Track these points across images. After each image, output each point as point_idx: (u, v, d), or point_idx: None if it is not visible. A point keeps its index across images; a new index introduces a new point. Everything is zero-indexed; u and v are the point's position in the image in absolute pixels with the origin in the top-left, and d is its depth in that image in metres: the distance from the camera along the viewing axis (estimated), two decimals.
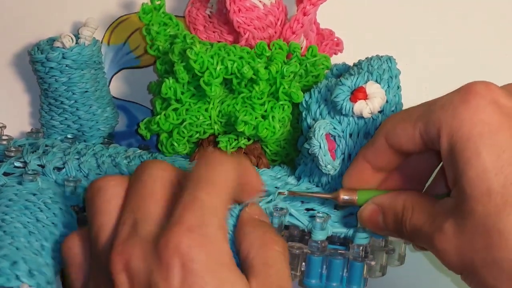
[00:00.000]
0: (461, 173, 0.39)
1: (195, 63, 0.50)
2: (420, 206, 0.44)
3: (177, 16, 0.61)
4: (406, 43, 0.63)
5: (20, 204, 0.47)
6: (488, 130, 0.39)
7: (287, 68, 0.52)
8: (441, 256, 0.42)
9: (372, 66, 0.51)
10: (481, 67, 0.63)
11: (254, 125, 0.51)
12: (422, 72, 0.64)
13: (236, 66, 0.51)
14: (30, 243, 0.44)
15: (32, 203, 0.47)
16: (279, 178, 0.53)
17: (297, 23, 0.55)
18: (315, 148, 0.48)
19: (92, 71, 0.60)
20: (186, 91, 0.52)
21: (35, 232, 0.45)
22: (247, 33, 0.54)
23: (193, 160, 0.54)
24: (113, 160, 0.54)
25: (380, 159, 0.46)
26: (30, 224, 0.45)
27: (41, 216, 0.46)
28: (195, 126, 0.53)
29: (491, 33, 0.63)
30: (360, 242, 0.50)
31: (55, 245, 0.45)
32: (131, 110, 0.64)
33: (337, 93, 0.49)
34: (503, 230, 0.37)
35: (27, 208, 0.46)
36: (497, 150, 0.38)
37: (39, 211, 0.46)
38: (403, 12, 0.63)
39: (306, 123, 0.52)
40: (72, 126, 0.60)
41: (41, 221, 0.46)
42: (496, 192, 0.38)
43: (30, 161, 0.53)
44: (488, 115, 0.39)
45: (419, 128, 0.43)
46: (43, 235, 0.45)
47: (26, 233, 0.44)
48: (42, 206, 0.47)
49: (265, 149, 0.55)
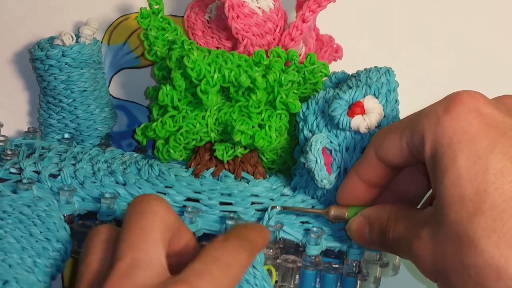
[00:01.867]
0: (439, 180, 0.40)
1: (192, 71, 0.49)
2: (404, 217, 0.44)
3: (176, 16, 0.60)
4: (407, 44, 0.63)
5: (15, 216, 0.47)
6: (467, 138, 0.39)
7: (285, 77, 0.51)
8: (417, 262, 0.42)
9: (370, 79, 0.50)
10: (481, 67, 0.63)
11: (251, 135, 0.50)
12: (422, 72, 0.63)
13: (233, 74, 0.50)
14: (22, 259, 0.44)
15: (26, 217, 0.47)
16: (275, 189, 0.53)
17: (296, 30, 0.54)
18: (311, 163, 0.48)
19: (91, 71, 0.60)
20: (183, 98, 0.52)
21: (28, 247, 0.45)
22: (245, 39, 0.53)
23: (189, 167, 0.54)
24: (108, 167, 0.54)
25: (371, 174, 0.46)
26: (24, 238, 0.45)
27: (35, 231, 0.46)
28: (191, 134, 0.52)
29: (491, 33, 0.63)
30: (354, 258, 0.50)
31: (47, 261, 0.45)
32: (131, 110, 0.64)
33: (335, 107, 0.48)
34: (473, 237, 0.37)
35: (21, 222, 0.46)
36: (473, 158, 0.38)
37: (33, 225, 0.46)
38: (404, 12, 0.63)
39: (303, 134, 0.51)
40: (70, 125, 0.60)
41: (34, 236, 0.46)
42: (468, 199, 0.38)
43: (25, 168, 0.53)
44: (468, 123, 0.39)
45: (406, 138, 0.43)
46: (36, 251, 0.45)
47: (19, 249, 0.45)
48: (36, 220, 0.47)
49: (261, 157, 0.55)
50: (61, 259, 0.46)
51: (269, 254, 0.50)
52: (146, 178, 0.53)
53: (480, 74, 0.63)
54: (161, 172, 0.53)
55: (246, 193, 0.52)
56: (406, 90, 0.53)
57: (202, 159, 0.54)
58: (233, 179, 0.53)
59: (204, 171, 0.53)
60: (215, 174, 0.53)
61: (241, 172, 0.53)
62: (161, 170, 0.53)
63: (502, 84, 0.63)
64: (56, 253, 0.46)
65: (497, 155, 0.38)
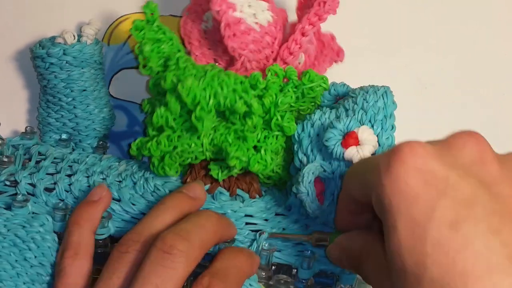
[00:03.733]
0: (386, 243, 0.38)
1: (187, 96, 0.49)
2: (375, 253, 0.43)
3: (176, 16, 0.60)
4: (407, 44, 0.62)
5: (10, 239, 0.47)
6: (405, 201, 0.36)
7: (282, 100, 0.50)
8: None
9: (367, 102, 0.49)
10: (481, 68, 0.63)
11: (246, 160, 0.50)
12: (422, 72, 0.63)
13: (229, 101, 0.49)
14: (17, 286, 0.45)
15: (21, 240, 0.47)
16: (269, 209, 0.53)
17: (295, 44, 0.53)
18: (303, 195, 0.48)
19: (92, 71, 0.59)
20: (178, 117, 0.51)
21: (23, 274, 0.46)
22: (242, 57, 0.52)
23: (185, 182, 0.54)
24: (104, 179, 0.54)
25: (351, 206, 0.46)
26: (18, 263, 0.46)
27: (29, 256, 0.47)
28: (187, 153, 0.52)
29: (491, 33, 0.62)
30: (346, 282, 0.50)
31: (41, 286, 0.46)
32: (131, 110, 0.64)
33: (328, 137, 0.48)
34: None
35: (15, 245, 0.47)
36: (411, 225, 0.36)
37: (28, 249, 0.47)
38: (404, 13, 0.62)
39: (298, 158, 0.51)
40: (68, 124, 0.60)
41: (29, 261, 0.47)
42: (410, 271, 0.36)
43: (21, 181, 0.53)
44: (406, 184, 0.37)
45: (360, 184, 0.42)
46: (31, 277, 0.46)
47: (14, 275, 0.45)
48: (31, 244, 0.47)
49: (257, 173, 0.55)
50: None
51: (262, 275, 0.50)
52: (141, 193, 0.53)
53: (480, 74, 0.63)
54: (156, 188, 0.53)
55: (240, 214, 0.52)
56: (406, 90, 0.53)
57: (198, 175, 0.54)
58: (228, 197, 0.53)
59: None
60: (210, 191, 0.53)
61: (237, 190, 0.53)
62: (156, 185, 0.53)
63: (502, 84, 0.63)
64: (50, 278, 0.47)
65: (435, 222, 0.35)
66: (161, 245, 0.43)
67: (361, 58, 0.61)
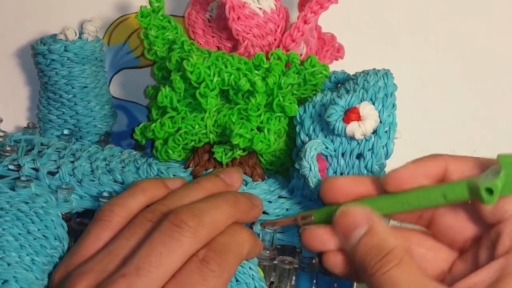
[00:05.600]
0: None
1: (191, 74, 0.50)
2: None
3: (176, 16, 0.61)
4: (407, 43, 0.63)
5: (12, 214, 0.47)
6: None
7: (284, 80, 0.51)
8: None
9: (368, 82, 0.50)
10: (481, 67, 0.63)
11: (249, 138, 0.51)
12: (422, 72, 0.64)
13: (233, 78, 0.50)
14: (21, 257, 0.44)
15: (24, 214, 0.47)
16: (273, 192, 0.53)
17: (297, 31, 0.54)
18: (305, 170, 0.48)
19: (93, 68, 0.60)
20: (182, 99, 0.52)
21: (26, 245, 0.45)
22: (246, 41, 0.54)
23: (188, 167, 0.54)
24: (107, 165, 0.54)
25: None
26: (21, 236, 0.46)
27: (33, 228, 0.46)
28: (190, 135, 0.53)
29: (491, 32, 0.63)
30: None
31: (45, 259, 0.46)
32: (131, 110, 0.65)
33: (330, 113, 0.48)
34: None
35: (18, 219, 0.47)
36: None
37: (31, 222, 0.47)
38: (404, 12, 0.63)
39: (300, 138, 0.51)
40: (69, 121, 0.61)
41: (32, 234, 0.46)
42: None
43: (24, 165, 0.53)
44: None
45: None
46: (34, 249, 0.45)
47: (18, 247, 0.45)
48: (34, 217, 0.47)
49: (260, 159, 0.55)
50: (58, 257, 0.47)
51: (266, 255, 0.50)
52: (144, 177, 0.53)
53: (480, 74, 0.64)
54: (160, 172, 0.54)
55: None
56: (406, 89, 0.53)
57: (201, 159, 0.54)
58: None
59: (202, 172, 0.54)
60: None
61: None
62: (160, 169, 0.54)
63: (502, 84, 0.64)
64: (54, 251, 0.47)
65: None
66: (173, 218, 0.44)
67: (361, 55, 0.62)
